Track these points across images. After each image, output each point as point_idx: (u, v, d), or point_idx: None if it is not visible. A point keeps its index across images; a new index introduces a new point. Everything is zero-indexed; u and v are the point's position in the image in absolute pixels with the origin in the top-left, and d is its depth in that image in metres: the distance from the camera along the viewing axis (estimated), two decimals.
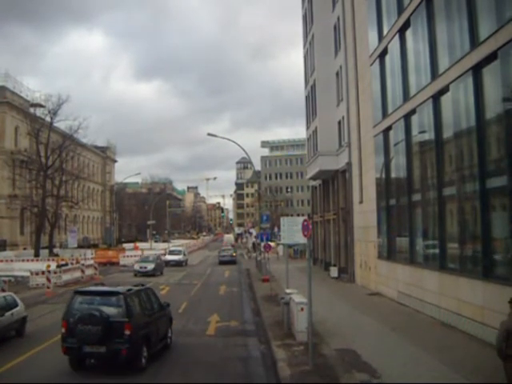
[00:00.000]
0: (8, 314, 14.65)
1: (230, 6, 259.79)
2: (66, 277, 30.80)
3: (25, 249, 53.76)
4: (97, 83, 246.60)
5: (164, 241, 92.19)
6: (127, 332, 11.08)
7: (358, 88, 27.24)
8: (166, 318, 14.09)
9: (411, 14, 18.30)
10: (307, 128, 42.89)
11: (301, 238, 13.86)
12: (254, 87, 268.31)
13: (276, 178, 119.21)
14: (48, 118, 50.50)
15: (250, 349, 13.89)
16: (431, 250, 17.48)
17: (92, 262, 39.12)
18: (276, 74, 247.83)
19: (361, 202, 26.81)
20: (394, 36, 20.28)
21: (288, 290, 16.70)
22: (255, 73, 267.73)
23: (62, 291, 27.18)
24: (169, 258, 46.37)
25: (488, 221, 13.28)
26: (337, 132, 33.48)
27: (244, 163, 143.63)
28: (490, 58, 12.66)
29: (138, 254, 50.72)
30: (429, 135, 17.39)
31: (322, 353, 12.33)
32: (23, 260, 40.75)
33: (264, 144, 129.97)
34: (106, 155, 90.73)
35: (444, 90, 15.62)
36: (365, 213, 26.02)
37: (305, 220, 12.75)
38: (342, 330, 15.12)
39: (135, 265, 37.65)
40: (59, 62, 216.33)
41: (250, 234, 69.43)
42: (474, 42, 13.38)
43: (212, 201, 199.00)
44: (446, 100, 15.71)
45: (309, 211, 56.60)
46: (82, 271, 33.18)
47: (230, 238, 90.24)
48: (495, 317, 9.88)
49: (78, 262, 35.65)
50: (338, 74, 33.27)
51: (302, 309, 13.45)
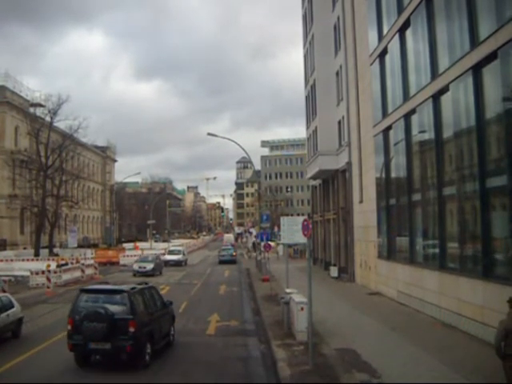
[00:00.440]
0: (3, 315, 14.39)
1: (229, 5, 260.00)
2: (66, 276, 30.80)
3: (25, 248, 53.75)
4: (97, 83, 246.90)
5: (164, 240, 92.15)
6: (131, 329, 11.32)
7: (357, 88, 27.24)
8: (169, 316, 14.28)
9: (411, 14, 18.30)
10: (307, 128, 42.89)
11: (301, 238, 13.87)
12: (254, 87, 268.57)
13: (276, 177, 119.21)
14: (48, 118, 50.56)
15: (250, 348, 13.88)
16: (431, 250, 17.49)
17: (92, 261, 39.11)
18: (276, 74, 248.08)
19: (361, 201, 26.81)
20: (394, 36, 20.28)
21: (288, 290, 16.70)
22: (255, 72, 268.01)
23: (62, 291, 27.20)
24: (168, 257, 46.33)
25: (488, 220, 13.28)
26: (337, 132, 33.48)
27: (244, 163, 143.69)
28: (490, 57, 12.65)
29: (138, 253, 50.70)
30: (429, 135, 17.39)
31: (322, 352, 12.32)
32: (23, 260, 40.77)
33: (264, 144, 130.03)
34: (105, 155, 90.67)
35: (444, 90, 15.62)
36: (365, 212, 26.02)
37: (305, 220, 12.75)
38: (341, 330, 15.12)
39: (134, 265, 37.56)
40: (59, 61, 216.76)
41: (250, 233, 69.43)
42: (474, 42, 13.38)
43: (212, 200, 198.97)
44: (446, 100, 15.71)
45: (309, 211, 56.59)
46: (82, 271, 33.18)
47: (230, 237, 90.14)
48: (495, 316, 9.87)
49: (78, 262, 35.66)
50: (337, 74, 33.27)
51: (302, 308, 13.45)
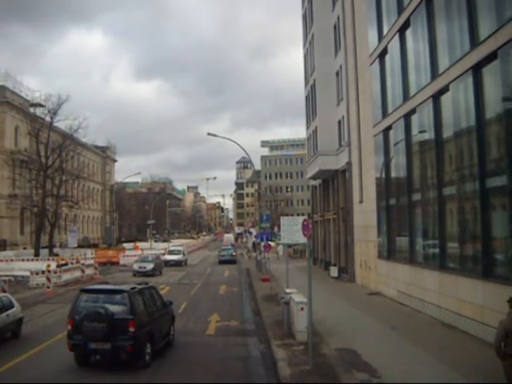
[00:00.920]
0: (3, 315, 14.37)
1: (229, 5, 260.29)
2: (66, 276, 30.81)
3: (25, 248, 53.73)
4: (97, 83, 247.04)
5: (164, 240, 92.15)
6: (132, 329, 11.33)
7: (357, 88, 27.24)
8: (169, 316, 14.30)
9: (411, 14, 18.31)
10: (307, 128, 42.90)
11: (301, 238, 13.90)
12: (254, 87, 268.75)
13: (276, 177, 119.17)
14: (48, 118, 50.54)
15: (250, 348, 13.89)
16: (431, 250, 17.49)
17: (92, 261, 39.10)
18: (276, 74, 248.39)
19: (361, 201, 26.81)
20: (394, 36, 20.28)
21: (288, 290, 16.71)
22: (255, 72, 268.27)
23: (62, 291, 27.21)
24: (168, 257, 46.29)
25: (488, 220, 13.29)
26: (337, 132, 33.48)
27: (244, 163, 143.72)
28: (490, 57, 12.66)
29: (138, 253, 50.67)
30: (429, 135, 17.39)
31: (322, 352, 12.32)
32: (23, 260, 40.76)
33: (264, 144, 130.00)
34: (105, 155, 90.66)
35: (444, 90, 15.62)
36: (365, 212, 26.02)
37: (305, 220, 12.76)
38: (341, 330, 15.12)
39: (134, 265, 37.49)
40: (59, 61, 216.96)
41: (250, 233, 69.43)
42: (474, 42, 13.38)
43: (212, 200, 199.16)
44: (446, 100, 15.71)
45: (309, 211, 56.59)
46: (82, 271, 33.18)
47: (230, 237, 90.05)
48: (495, 316, 9.88)
49: (78, 262, 35.66)
50: (337, 74, 33.27)
51: (302, 308, 13.46)
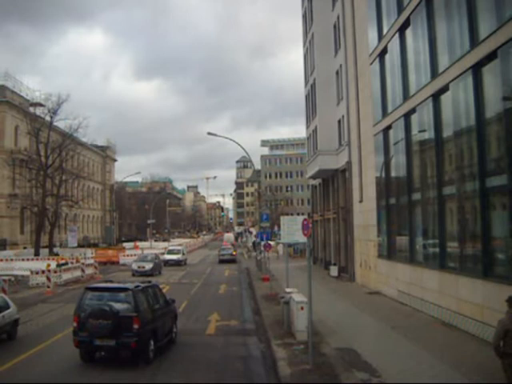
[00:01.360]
0: None
1: (229, 4, 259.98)
2: (66, 276, 30.81)
3: (25, 248, 53.70)
4: (97, 82, 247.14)
5: (164, 240, 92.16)
6: (136, 326, 11.59)
7: (357, 87, 27.23)
8: (172, 314, 14.57)
9: (411, 13, 18.30)
10: (307, 127, 42.89)
11: (301, 237, 13.88)
12: (254, 86, 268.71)
13: (276, 177, 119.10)
14: (48, 118, 50.51)
15: (250, 348, 13.90)
16: (431, 249, 17.49)
17: (92, 261, 39.09)
18: (276, 73, 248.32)
19: (361, 200, 26.81)
20: (394, 35, 20.28)
21: (288, 289, 16.73)
22: (255, 71, 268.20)
23: (62, 290, 27.22)
24: (168, 257, 46.23)
25: (488, 220, 13.29)
26: (337, 131, 33.47)
27: (244, 162, 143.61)
28: (490, 57, 12.66)
29: (138, 253, 50.58)
30: (429, 134, 17.40)
31: (322, 352, 12.34)
32: (23, 259, 40.70)
33: (264, 143, 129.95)
34: (105, 154, 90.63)
35: (444, 89, 15.62)
36: (365, 212, 26.02)
37: (305, 219, 12.76)
38: (342, 329, 15.13)
39: (133, 264, 37.23)
40: (59, 60, 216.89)
41: (250, 233, 69.50)
42: (474, 41, 13.38)
43: (212, 200, 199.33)
44: (446, 99, 15.71)
45: (309, 210, 56.61)
46: (82, 270, 33.17)
47: (230, 237, 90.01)
48: (495, 316, 9.88)
49: (77, 261, 35.61)
50: (337, 73, 33.26)
51: (302, 308, 13.47)
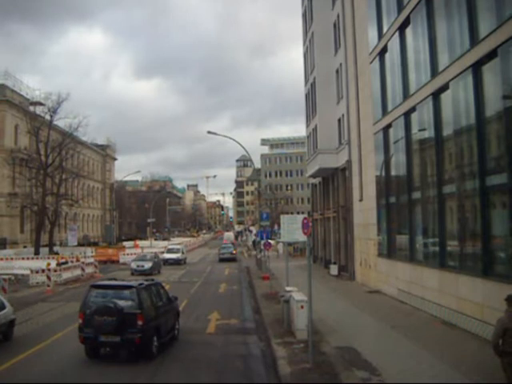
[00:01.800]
0: None
1: (229, 3, 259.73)
2: (66, 275, 30.80)
3: (25, 247, 53.68)
4: (97, 81, 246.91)
5: (164, 239, 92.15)
6: (140, 322, 11.88)
7: (357, 86, 27.21)
8: (174, 311, 14.91)
9: (411, 12, 18.29)
10: (307, 126, 42.86)
11: (301, 236, 13.88)
12: (254, 85, 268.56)
13: (276, 175, 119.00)
14: (48, 116, 50.41)
15: (250, 347, 13.89)
16: (431, 248, 17.49)
17: (92, 260, 39.12)
18: (276, 72, 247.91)
19: (361, 199, 26.80)
20: (394, 34, 20.27)
21: (288, 288, 16.72)
22: (255, 70, 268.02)
23: (62, 289, 27.23)
24: (167, 256, 46.23)
25: (488, 218, 13.29)
26: (337, 130, 33.46)
27: (244, 161, 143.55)
28: (490, 55, 12.65)
29: (138, 252, 50.62)
30: (428, 133, 17.39)
31: (322, 351, 12.34)
32: (23, 258, 40.71)
33: (264, 142, 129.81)
34: (105, 153, 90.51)
35: (444, 88, 15.61)
36: (365, 211, 26.02)
37: (304, 218, 12.75)
38: (342, 328, 15.13)
39: (132, 263, 37.19)
40: (59, 60, 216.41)
41: (250, 231, 69.49)
42: (474, 40, 13.38)
43: (212, 199, 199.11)
44: (446, 98, 15.70)
45: (309, 209, 56.59)
46: (82, 269, 33.19)
47: (230, 235, 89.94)
48: (495, 314, 9.88)
49: (78, 260, 35.64)
50: (337, 72, 33.24)
51: (302, 307, 13.48)
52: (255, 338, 14.96)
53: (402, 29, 19.51)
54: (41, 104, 52.89)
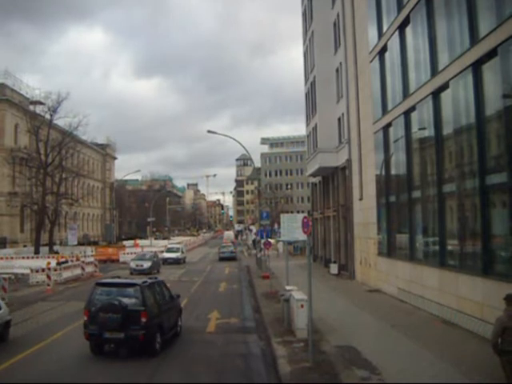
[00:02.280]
0: None
1: (229, 2, 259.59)
2: (66, 274, 30.82)
3: (25, 246, 53.69)
4: (97, 80, 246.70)
5: (164, 238, 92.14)
6: (144, 319, 12.15)
7: (357, 85, 27.21)
8: (177, 308, 15.23)
9: (411, 11, 18.28)
10: (307, 125, 42.86)
11: (301, 235, 13.86)
12: (254, 84, 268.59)
13: (276, 174, 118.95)
14: (48, 116, 50.37)
15: (250, 346, 13.89)
16: (431, 247, 17.50)
17: (92, 259, 39.10)
18: (276, 71, 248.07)
19: (361, 198, 26.80)
20: (394, 33, 20.26)
21: (288, 287, 16.73)
22: (255, 69, 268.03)
23: (62, 288, 27.24)
24: (166, 255, 46.19)
25: (488, 217, 13.29)
26: (337, 129, 33.46)
27: (244, 160, 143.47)
28: (490, 54, 12.65)
29: (138, 251, 50.61)
30: (428, 132, 17.39)
31: (322, 350, 12.35)
32: (23, 257, 40.67)
33: (264, 141, 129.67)
34: (105, 152, 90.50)
35: (444, 87, 15.61)
36: (365, 210, 26.02)
37: (304, 217, 12.74)
38: (342, 327, 15.14)
39: (131, 263, 37.11)
40: (59, 59, 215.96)
41: (250, 230, 69.43)
42: (474, 39, 13.37)
43: (212, 198, 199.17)
44: (446, 97, 15.70)
45: (309, 208, 56.59)
46: (82, 268, 33.20)
47: (230, 234, 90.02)
48: (495, 313, 9.88)
49: (78, 260, 35.64)
50: (337, 71, 33.24)
51: (302, 306, 13.48)
52: (255, 337, 14.97)
53: (401, 28, 19.50)
54: (41, 103, 52.86)
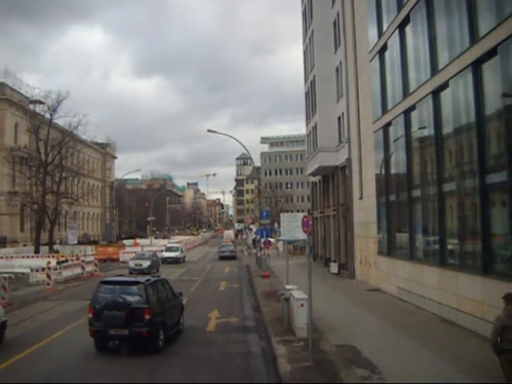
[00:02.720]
0: None
1: (229, 1, 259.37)
2: (67, 273, 30.82)
3: (25, 245, 53.69)
4: (97, 79, 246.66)
5: (164, 237, 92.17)
6: (147, 316, 12.40)
7: (357, 84, 27.20)
8: (179, 306, 15.56)
9: (411, 10, 18.27)
10: (307, 124, 42.85)
11: (301, 234, 13.87)
12: (254, 83, 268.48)
13: (276, 174, 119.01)
14: (47, 115, 50.31)
15: (250, 345, 13.88)
16: (431, 246, 17.50)
17: (92, 258, 39.12)
18: (276, 70, 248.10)
19: (361, 197, 26.81)
20: (394, 32, 20.25)
21: (288, 286, 16.74)
22: (255, 69, 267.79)
23: (62, 288, 27.24)
24: (166, 254, 46.16)
25: (488, 216, 13.29)
26: (336, 128, 33.45)
27: (244, 159, 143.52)
28: (490, 53, 12.64)
29: (138, 250, 50.63)
30: (428, 131, 17.38)
31: (322, 349, 12.34)
32: (23, 257, 40.63)
33: (264, 140, 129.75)
34: (105, 152, 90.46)
35: (444, 86, 15.60)
36: (365, 209, 26.02)
37: (304, 216, 12.74)
38: (342, 326, 15.13)
39: (130, 262, 36.96)
40: (59, 58, 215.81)
41: (250, 230, 69.43)
42: (474, 38, 13.36)
43: (212, 197, 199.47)
44: (446, 96, 15.69)
45: (309, 207, 56.59)
46: (83, 268, 33.22)
47: (230, 233, 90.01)
48: (495, 312, 9.88)
49: (78, 259, 35.66)
50: (337, 70, 33.22)
51: (302, 305, 13.48)
52: (255, 336, 14.97)
53: (401, 27, 19.49)
54: (41, 102, 52.80)
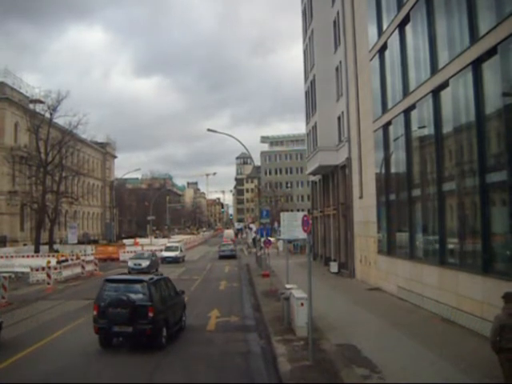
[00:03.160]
0: None
1: (229, 1, 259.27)
2: (67, 273, 30.86)
3: (25, 245, 53.71)
4: (96, 79, 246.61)
5: (164, 236, 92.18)
6: (151, 314, 12.66)
7: (357, 83, 27.19)
8: (181, 304, 15.86)
9: (411, 9, 18.26)
10: (307, 123, 42.83)
11: (301, 234, 13.87)
12: (254, 82, 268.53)
13: (276, 173, 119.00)
14: (47, 114, 50.38)
15: (250, 344, 13.89)
16: (431, 245, 17.50)
17: (92, 257, 39.14)
18: (276, 70, 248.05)
19: (361, 197, 26.81)
20: (394, 31, 20.24)
21: (288, 285, 16.74)
22: (255, 68, 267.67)
23: (62, 287, 27.25)
24: (165, 254, 46.13)
25: (488, 216, 13.29)
26: (336, 127, 33.44)
27: (244, 158, 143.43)
28: (490, 52, 12.64)
29: (138, 249, 50.68)
30: (428, 130, 17.38)
31: (322, 348, 12.35)
32: (23, 256, 40.61)
33: (264, 139, 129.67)
34: (105, 151, 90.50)
35: (444, 85, 15.60)
36: (365, 208, 26.02)
37: (304, 215, 12.74)
38: (342, 325, 15.14)
39: (129, 262, 36.98)
40: (59, 58, 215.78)
41: (250, 229, 69.41)
42: (474, 37, 13.36)
43: (212, 196, 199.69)
44: (446, 95, 15.69)
45: (309, 206, 56.59)
46: (83, 267, 33.25)
47: (230, 233, 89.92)
48: (494, 311, 9.88)
49: (78, 258, 35.69)
50: (337, 69, 33.20)
51: (302, 304, 13.48)
52: (255, 335, 14.98)
53: (401, 26, 19.48)
54: (40, 102, 52.83)
